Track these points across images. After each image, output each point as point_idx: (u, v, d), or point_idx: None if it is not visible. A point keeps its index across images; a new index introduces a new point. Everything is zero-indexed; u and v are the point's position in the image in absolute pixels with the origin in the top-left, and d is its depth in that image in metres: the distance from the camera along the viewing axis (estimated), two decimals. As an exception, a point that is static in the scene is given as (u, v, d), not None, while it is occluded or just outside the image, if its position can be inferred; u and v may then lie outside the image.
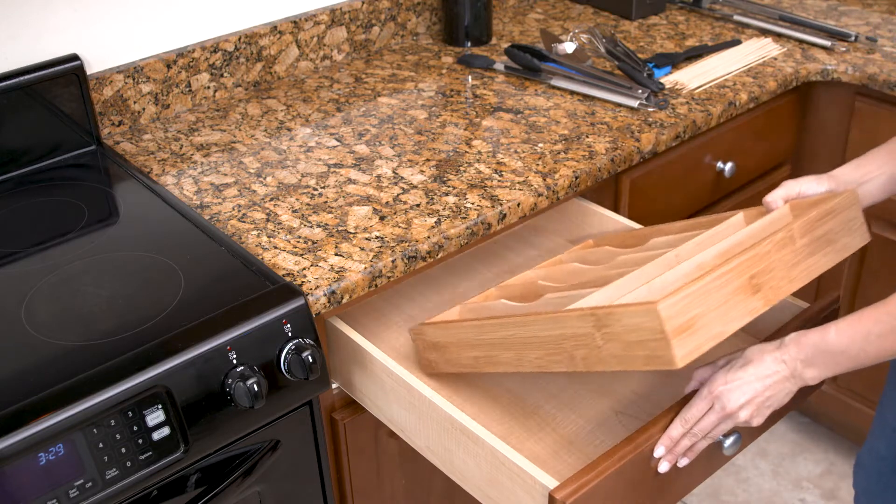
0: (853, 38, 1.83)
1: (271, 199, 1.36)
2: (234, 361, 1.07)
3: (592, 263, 1.31)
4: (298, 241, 1.26)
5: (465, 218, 1.30)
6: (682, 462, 1.08)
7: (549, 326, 1.03)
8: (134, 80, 1.56)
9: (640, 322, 0.93)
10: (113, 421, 0.99)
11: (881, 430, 1.27)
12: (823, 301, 1.22)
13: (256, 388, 1.06)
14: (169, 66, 1.59)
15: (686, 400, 1.07)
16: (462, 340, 1.15)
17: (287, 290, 1.14)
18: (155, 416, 1.02)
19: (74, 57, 1.46)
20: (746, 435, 1.15)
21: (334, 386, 1.30)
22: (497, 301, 1.25)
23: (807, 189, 1.19)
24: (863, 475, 1.32)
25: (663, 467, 1.06)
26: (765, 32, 1.90)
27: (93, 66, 1.53)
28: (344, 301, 1.19)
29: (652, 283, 1.07)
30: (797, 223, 1.05)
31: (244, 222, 1.31)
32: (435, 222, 1.29)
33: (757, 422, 1.07)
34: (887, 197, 1.21)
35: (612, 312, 0.96)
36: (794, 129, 1.87)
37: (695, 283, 0.95)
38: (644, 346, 0.95)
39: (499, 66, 1.76)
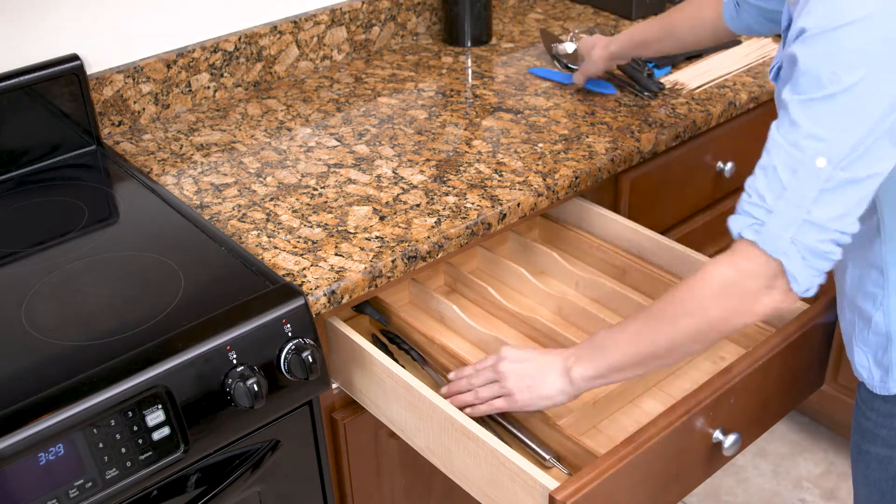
0: (853, 38, 1.83)
1: (271, 199, 1.36)
2: (234, 361, 1.07)
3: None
4: (298, 241, 1.26)
5: (465, 218, 1.30)
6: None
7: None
8: (134, 80, 1.56)
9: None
10: (113, 421, 0.99)
11: None
12: (823, 301, 1.22)
13: (256, 388, 1.06)
14: (169, 66, 1.59)
15: (690, 400, 1.07)
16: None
17: (287, 289, 1.14)
18: (155, 416, 1.02)
19: (74, 57, 1.46)
20: (746, 435, 1.15)
21: (334, 386, 1.30)
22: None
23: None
24: None
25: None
26: (765, 32, 1.90)
27: (93, 66, 1.53)
28: (344, 301, 1.19)
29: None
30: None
31: (244, 222, 1.31)
32: (435, 222, 1.29)
33: (510, 401, 1.10)
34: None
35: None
36: (794, 129, 1.86)
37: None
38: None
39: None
